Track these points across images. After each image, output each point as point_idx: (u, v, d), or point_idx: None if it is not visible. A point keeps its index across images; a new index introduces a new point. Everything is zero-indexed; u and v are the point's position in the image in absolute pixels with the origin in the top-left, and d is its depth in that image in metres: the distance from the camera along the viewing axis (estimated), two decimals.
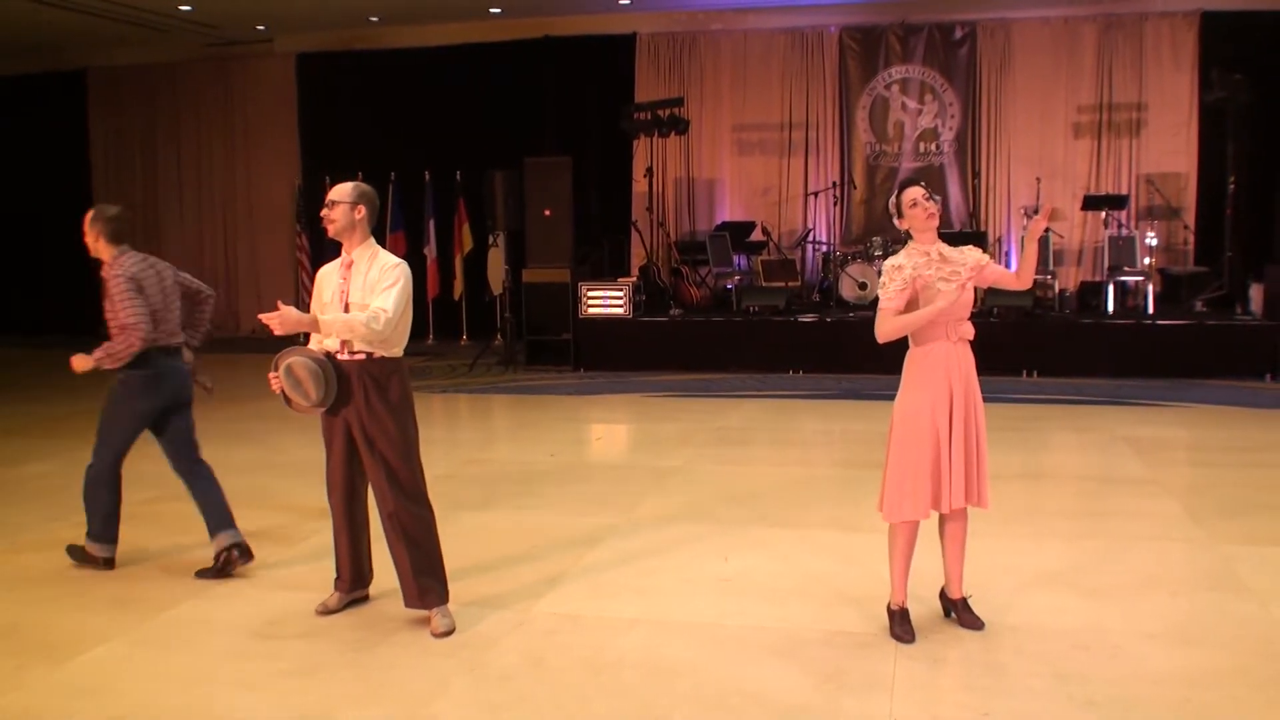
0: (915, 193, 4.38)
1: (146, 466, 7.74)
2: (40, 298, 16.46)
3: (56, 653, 4.35)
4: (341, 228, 4.51)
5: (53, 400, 10.58)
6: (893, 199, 4.47)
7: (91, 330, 16.29)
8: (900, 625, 4.41)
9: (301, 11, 13.92)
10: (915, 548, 4.41)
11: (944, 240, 4.41)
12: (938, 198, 4.46)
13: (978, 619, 4.48)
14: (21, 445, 8.61)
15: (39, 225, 16.39)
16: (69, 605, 4.94)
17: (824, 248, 13.60)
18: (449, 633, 4.48)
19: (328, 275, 4.60)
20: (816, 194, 13.78)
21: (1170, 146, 13.09)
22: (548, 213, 12.35)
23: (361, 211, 4.51)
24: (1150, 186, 13.00)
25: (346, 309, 4.46)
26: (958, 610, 4.52)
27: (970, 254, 4.38)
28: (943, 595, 4.62)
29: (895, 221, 4.47)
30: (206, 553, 5.63)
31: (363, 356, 4.48)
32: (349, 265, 4.53)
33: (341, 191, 4.53)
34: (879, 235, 12.95)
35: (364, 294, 4.44)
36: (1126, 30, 13.14)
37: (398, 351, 4.55)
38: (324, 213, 4.54)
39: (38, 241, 16.38)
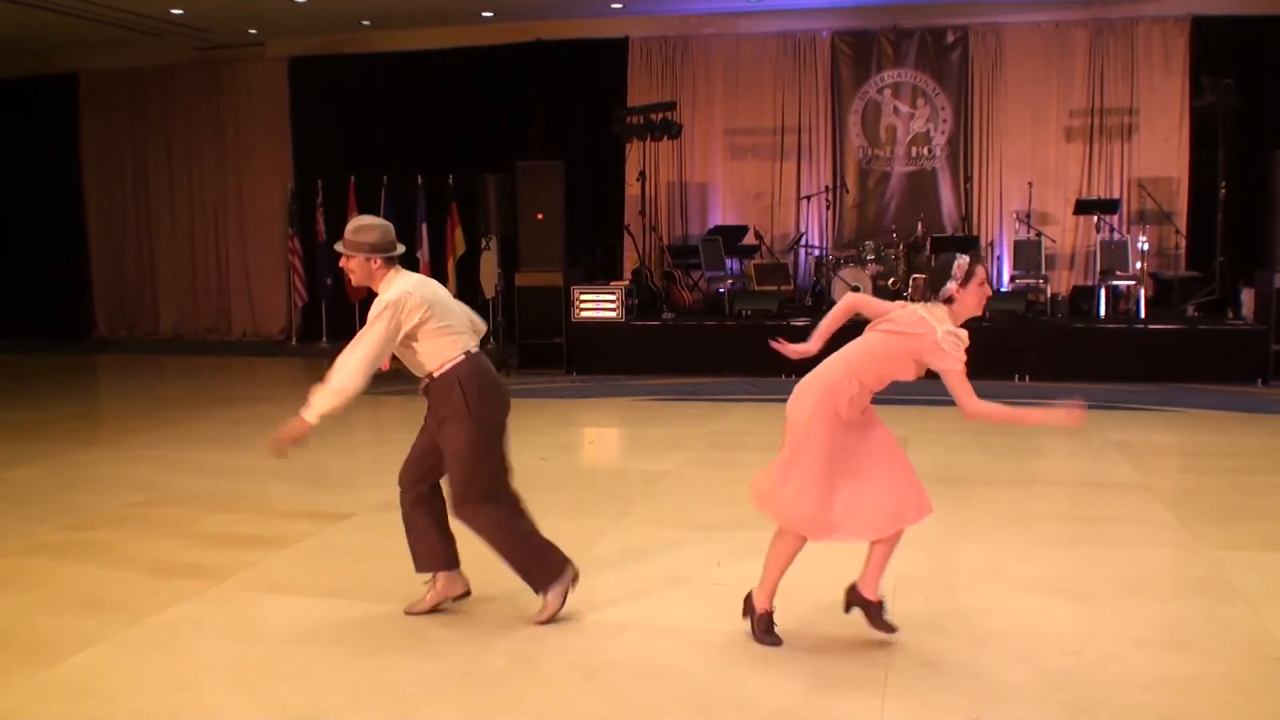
0: (985, 273, 4.22)
1: (138, 470, 7.78)
2: (29, 301, 16.41)
3: (43, 656, 4.32)
4: (360, 279, 4.50)
5: (36, 405, 10.44)
6: (959, 264, 4.16)
7: (82, 334, 16.37)
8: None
9: (293, 15, 13.90)
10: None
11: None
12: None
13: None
14: (2, 450, 8.51)
15: (28, 228, 16.39)
16: (56, 609, 4.91)
17: (816, 251, 13.62)
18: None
19: None
20: (809, 198, 13.80)
21: (1161, 151, 13.12)
22: (540, 216, 12.32)
23: (377, 261, 4.46)
24: (1142, 191, 13.02)
25: None
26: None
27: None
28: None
29: (948, 284, 4.14)
30: (197, 556, 5.63)
31: (425, 381, 4.55)
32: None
33: (354, 245, 4.45)
34: (871, 239, 12.96)
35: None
36: (1117, 35, 13.17)
37: (443, 366, 4.48)
38: (341, 263, 4.52)
39: (26, 244, 16.37)
